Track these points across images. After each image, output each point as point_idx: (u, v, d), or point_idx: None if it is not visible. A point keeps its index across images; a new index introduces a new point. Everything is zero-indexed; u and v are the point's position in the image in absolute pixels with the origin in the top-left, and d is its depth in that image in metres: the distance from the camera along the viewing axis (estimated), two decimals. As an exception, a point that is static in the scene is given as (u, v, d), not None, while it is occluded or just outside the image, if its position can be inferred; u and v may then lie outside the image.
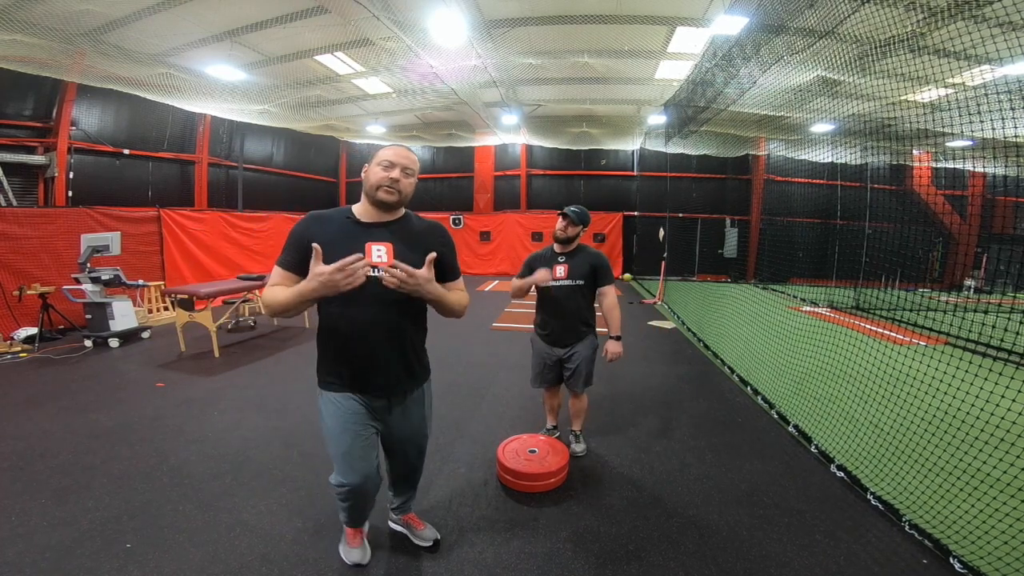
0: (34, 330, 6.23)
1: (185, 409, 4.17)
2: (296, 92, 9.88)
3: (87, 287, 6.11)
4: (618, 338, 3.23)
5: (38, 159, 8.88)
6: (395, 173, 1.81)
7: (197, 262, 9.29)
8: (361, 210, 1.88)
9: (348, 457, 1.93)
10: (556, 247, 3.27)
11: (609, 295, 3.25)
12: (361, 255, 1.62)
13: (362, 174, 1.90)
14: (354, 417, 1.92)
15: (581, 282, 3.17)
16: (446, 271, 1.99)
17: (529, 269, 3.26)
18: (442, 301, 1.86)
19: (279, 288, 1.75)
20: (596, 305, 3.29)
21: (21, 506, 2.66)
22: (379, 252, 1.79)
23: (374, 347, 1.87)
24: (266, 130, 12.99)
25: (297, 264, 1.77)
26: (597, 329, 3.31)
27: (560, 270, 3.17)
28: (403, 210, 1.95)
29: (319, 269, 1.59)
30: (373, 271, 1.71)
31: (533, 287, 3.20)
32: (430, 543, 2.38)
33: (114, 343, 6.26)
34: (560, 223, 3.18)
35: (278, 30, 7.43)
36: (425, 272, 1.72)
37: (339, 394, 1.92)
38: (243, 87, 8.89)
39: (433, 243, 1.91)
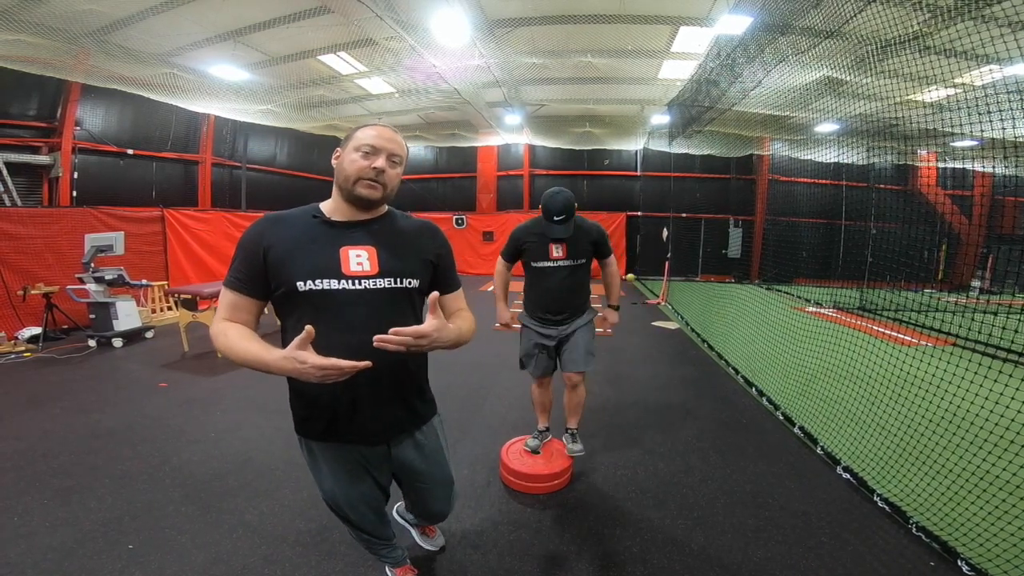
0: (38, 330, 6.24)
1: (187, 409, 4.17)
2: (299, 92, 9.89)
3: (91, 287, 6.12)
4: (616, 307, 3.13)
5: (42, 159, 8.89)
6: (379, 162, 1.42)
7: (201, 262, 9.30)
8: (332, 207, 1.50)
9: (351, 507, 1.68)
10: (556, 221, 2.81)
11: (611, 265, 3.07)
12: (355, 363, 1.24)
13: (333, 161, 1.50)
14: (347, 466, 1.59)
15: (583, 260, 2.90)
16: (444, 281, 1.63)
17: (516, 247, 2.97)
18: (460, 342, 1.49)
19: (235, 333, 1.36)
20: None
21: (23, 506, 2.66)
22: (359, 258, 1.42)
23: (364, 387, 1.43)
24: (269, 130, 12.99)
25: (250, 283, 1.41)
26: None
27: (558, 249, 2.85)
28: (385, 207, 1.57)
29: (301, 356, 1.21)
30: (356, 283, 1.41)
31: (525, 260, 2.96)
32: (436, 549, 2.37)
33: (118, 343, 6.26)
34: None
35: (281, 30, 7.43)
36: (435, 322, 1.34)
37: (320, 443, 1.56)
38: (247, 87, 8.91)
39: (427, 246, 1.58)
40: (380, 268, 1.44)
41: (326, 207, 1.51)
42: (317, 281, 1.38)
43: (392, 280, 1.46)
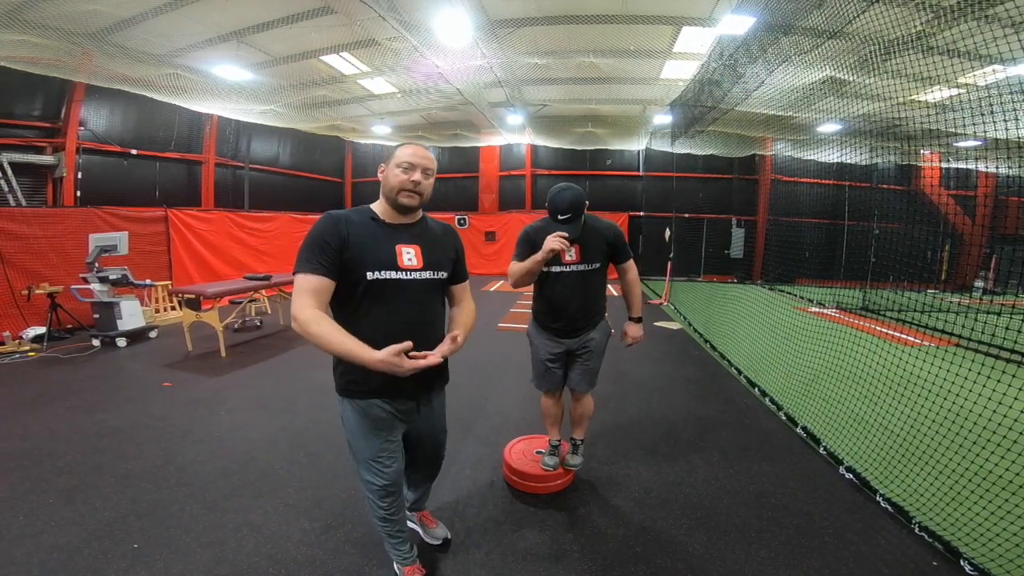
0: (42, 329, 6.27)
1: (192, 409, 4.19)
2: (302, 92, 9.90)
3: (95, 287, 6.14)
4: (639, 319, 2.83)
5: (47, 159, 8.93)
6: (416, 176, 1.76)
7: (204, 262, 9.33)
8: (382, 210, 1.83)
9: (379, 462, 1.88)
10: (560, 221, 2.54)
11: (631, 271, 2.78)
12: (424, 360, 1.59)
13: (379, 174, 1.85)
14: (382, 423, 1.86)
15: (597, 264, 2.66)
16: (460, 274, 2.02)
17: (529, 245, 2.62)
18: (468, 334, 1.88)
19: (329, 324, 1.60)
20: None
21: (29, 506, 2.67)
22: (409, 254, 1.79)
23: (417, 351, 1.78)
24: (272, 130, 13.03)
25: (332, 269, 1.67)
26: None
27: (570, 252, 2.62)
28: (421, 212, 1.91)
29: (398, 361, 1.52)
30: (408, 274, 1.76)
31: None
32: (439, 541, 2.40)
33: (122, 343, 6.28)
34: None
35: (284, 30, 7.44)
36: (460, 340, 1.75)
37: (365, 400, 1.83)
38: (249, 87, 8.92)
39: (451, 245, 1.97)
40: (424, 263, 1.81)
41: (378, 210, 1.83)
42: (383, 272, 1.72)
43: (432, 272, 1.84)
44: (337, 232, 1.68)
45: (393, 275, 1.73)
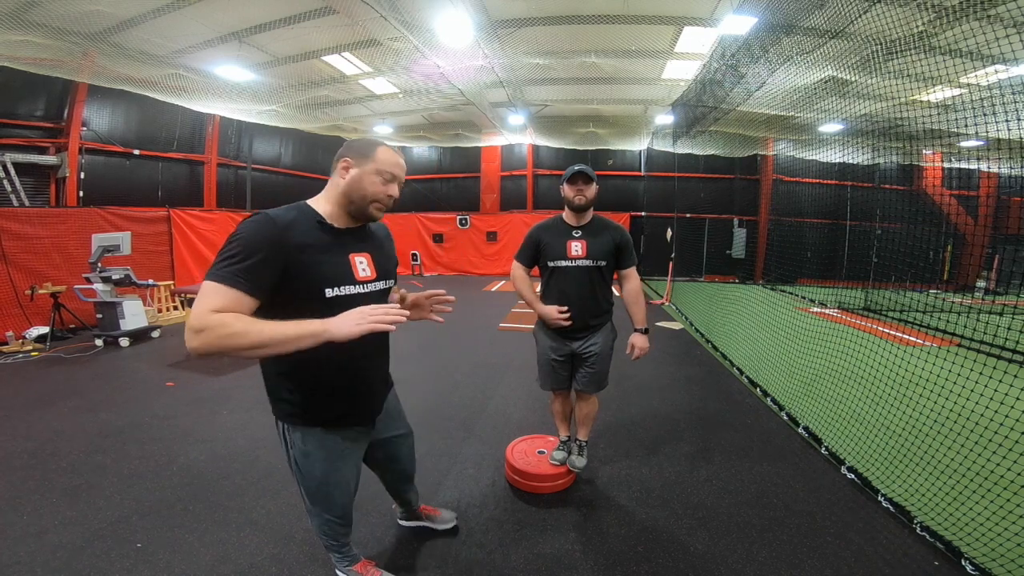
0: (46, 329, 6.29)
1: (194, 408, 4.20)
2: (304, 92, 9.93)
3: (98, 286, 6.16)
4: (645, 331, 2.78)
5: (50, 159, 8.95)
6: (394, 190, 1.61)
7: (206, 262, 9.33)
8: (331, 213, 1.57)
9: (341, 490, 1.81)
10: (568, 217, 2.74)
11: (633, 279, 2.77)
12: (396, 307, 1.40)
13: (342, 170, 1.58)
14: (346, 453, 1.77)
15: (603, 263, 2.67)
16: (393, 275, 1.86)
17: (534, 246, 2.77)
18: None
19: (246, 318, 1.29)
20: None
21: (33, 505, 2.68)
22: (362, 264, 1.61)
23: (366, 369, 1.72)
24: (274, 130, 13.06)
25: (260, 285, 1.36)
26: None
27: (577, 247, 2.65)
28: None
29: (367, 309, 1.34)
30: (364, 287, 1.60)
31: (542, 260, 2.77)
32: (451, 525, 2.47)
33: (124, 342, 6.30)
34: (571, 190, 2.63)
35: (286, 31, 7.46)
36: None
37: (325, 430, 1.69)
38: (251, 87, 8.95)
39: (392, 249, 1.86)
40: (377, 272, 1.66)
41: (324, 212, 1.57)
42: (342, 288, 1.54)
43: (384, 282, 1.70)
44: (279, 245, 1.40)
45: (351, 289, 1.55)
